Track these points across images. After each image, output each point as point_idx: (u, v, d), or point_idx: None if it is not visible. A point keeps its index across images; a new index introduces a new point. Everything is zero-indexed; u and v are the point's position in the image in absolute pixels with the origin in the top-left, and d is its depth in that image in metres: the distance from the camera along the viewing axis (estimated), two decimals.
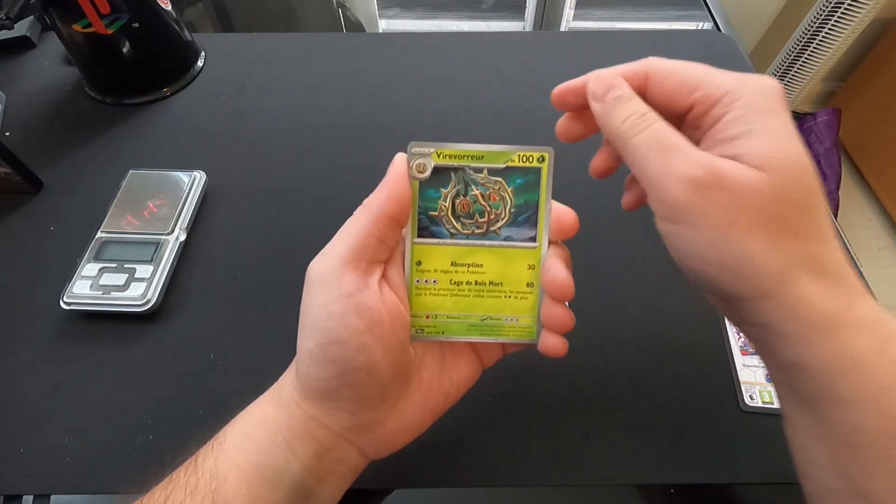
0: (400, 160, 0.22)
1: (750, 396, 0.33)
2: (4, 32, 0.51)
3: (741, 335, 0.36)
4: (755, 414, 0.32)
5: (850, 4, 1.25)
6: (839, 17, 1.28)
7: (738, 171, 0.18)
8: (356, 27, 0.67)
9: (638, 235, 0.40)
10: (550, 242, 0.23)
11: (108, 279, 0.36)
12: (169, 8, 0.49)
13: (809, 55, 1.39)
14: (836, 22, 1.29)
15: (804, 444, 0.20)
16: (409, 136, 0.48)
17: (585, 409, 0.33)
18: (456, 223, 0.23)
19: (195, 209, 0.41)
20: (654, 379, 0.34)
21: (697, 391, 0.33)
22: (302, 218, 0.42)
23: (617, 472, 0.30)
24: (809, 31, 1.35)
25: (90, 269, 0.36)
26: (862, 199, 1.50)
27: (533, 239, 0.23)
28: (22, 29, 0.55)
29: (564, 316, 0.23)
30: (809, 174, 0.19)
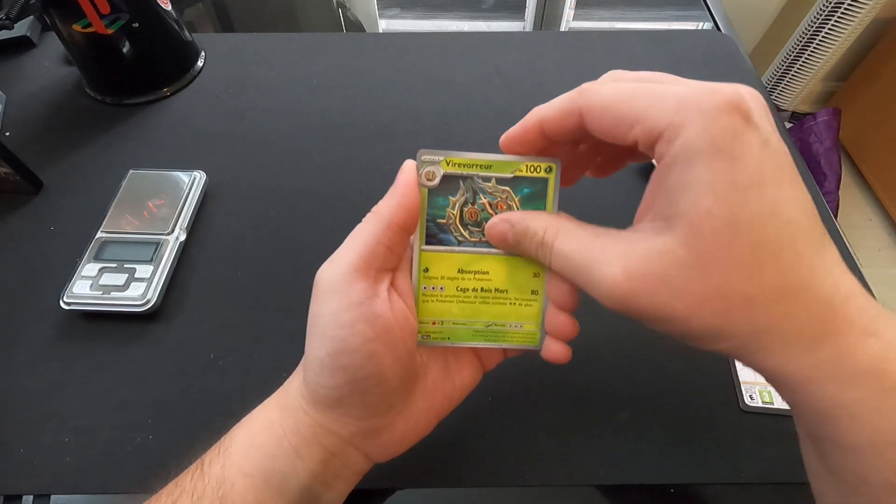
0: (409, 168, 0.22)
1: (750, 396, 0.33)
2: (4, 32, 0.51)
3: None
4: (755, 414, 0.32)
5: (850, 4, 1.25)
6: (839, 17, 1.28)
7: (650, 258, 0.17)
8: (356, 27, 0.67)
9: None
10: None
11: (108, 279, 0.36)
12: (169, 8, 0.49)
13: (809, 55, 1.39)
14: (836, 22, 1.29)
15: (813, 469, 0.20)
16: (409, 136, 0.49)
17: (585, 409, 0.33)
18: (464, 231, 0.23)
19: (195, 209, 0.41)
20: (654, 379, 0.34)
21: (697, 391, 0.33)
22: (302, 218, 0.42)
23: (617, 472, 0.30)
24: (809, 31, 1.35)
25: (90, 269, 0.36)
26: (862, 199, 1.50)
27: None
28: (22, 29, 0.55)
29: (568, 324, 0.23)
30: (753, 225, 0.16)
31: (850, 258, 0.40)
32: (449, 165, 0.23)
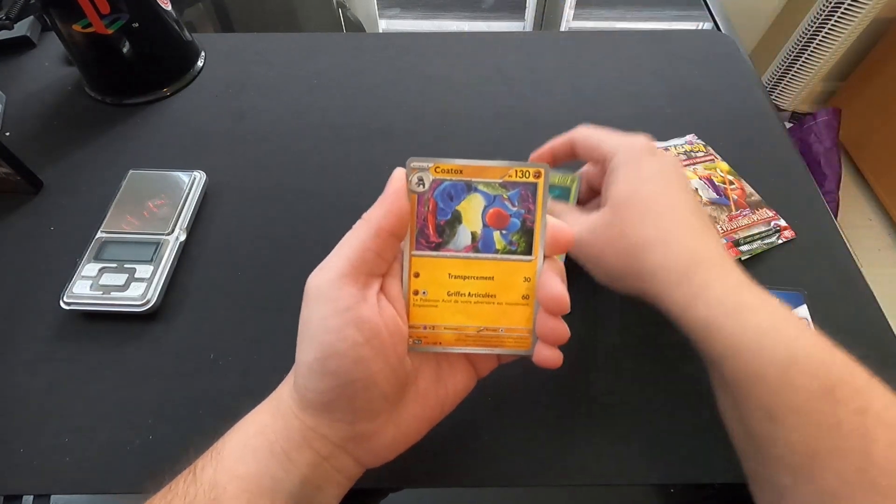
0: (398, 175, 0.23)
1: None
2: (4, 32, 0.51)
3: None
4: None
5: (850, 4, 1.25)
6: (839, 17, 1.28)
7: (590, 221, 0.29)
8: (356, 27, 0.67)
9: None
10: (546, 257, 0.24)
11: (108, 279, 0.36)
12: (169, 8, 0.49)
13: (809, 55, 1.39)
14: (836, 22, 1.29)
15: (718, 395, 0.27)
16: (408, 136, 0.49)
17: (585, 409, 0.33)
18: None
19: (195, 209, 0.41)
20: (654, 379, 0.34)
21: (698, 391, 0.33)
22: (302, 218, 0.42)
23: (617, 472, 0.31)
24: (809, 31, 1.35)
25: (90, 269, 0.36)
26: (862, 199, 1.50)
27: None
28: (22, 29, 0.55)
29: (559, 328, 0.23)
30: (643, 200, 0.28)
31: (850, 258, 0.40)
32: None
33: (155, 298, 0.36)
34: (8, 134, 0.48)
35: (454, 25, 0.68)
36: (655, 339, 0.36)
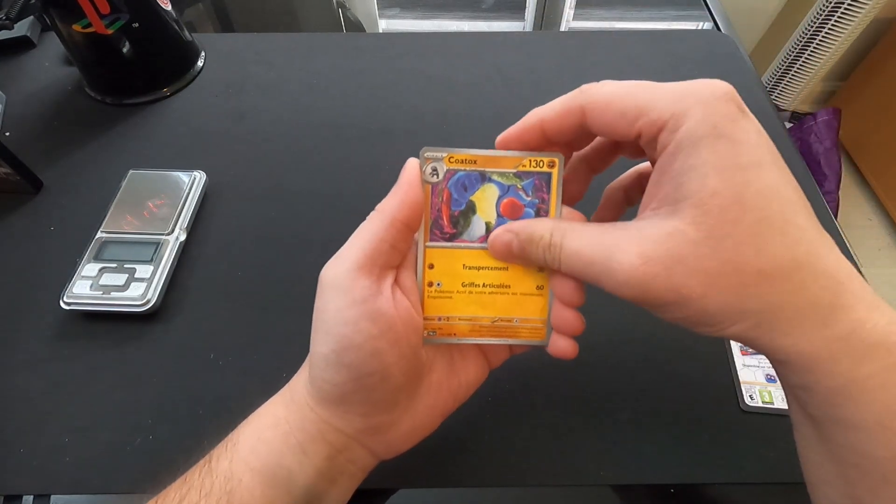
0: (412, 165, 0.22)
1: (750, 396, 0.33)
2: (4, 32, 0.51)
3: None
4: (755, 414, 0.32)
5: (850, 4, 1.25)
6: (839, 17, 1.28)
7: (662, 240, 0.18)
8: (356, 27, 0.67)
9: None
10: None
11: (108, 279, 0.36)
12: (169, 8, 0.49)
13: (809, 55, 1.39)
14: (836, 22, 1.29)
15: (812, 458, 0.20)
16: (408, 136, 0.49)
17: (585, 409, 0.33)
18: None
19: (195, 209, 0.41)
20: (654, 379, 0.34)
21: (697, 391, 0.33)
22: (302, 218, 0.42)
23: (617, 472, 0.30)
24: (809, 31, 1.35)
25: (90, 269, 0.36)
26: (862, 199, 1.50)
27: None
28: (22, 29, 0.54)
29: (574, 319, 0.23)
30: (757, 202, 0.17)
31: (850, 258, 0.40)
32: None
33: (155, 298, 0.36)
34: (8, 134, 0.48)
35: (454, 25, 0.68)
36: (656, 339, 0.36)
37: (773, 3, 1.43)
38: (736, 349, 0.35)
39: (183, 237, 0.39)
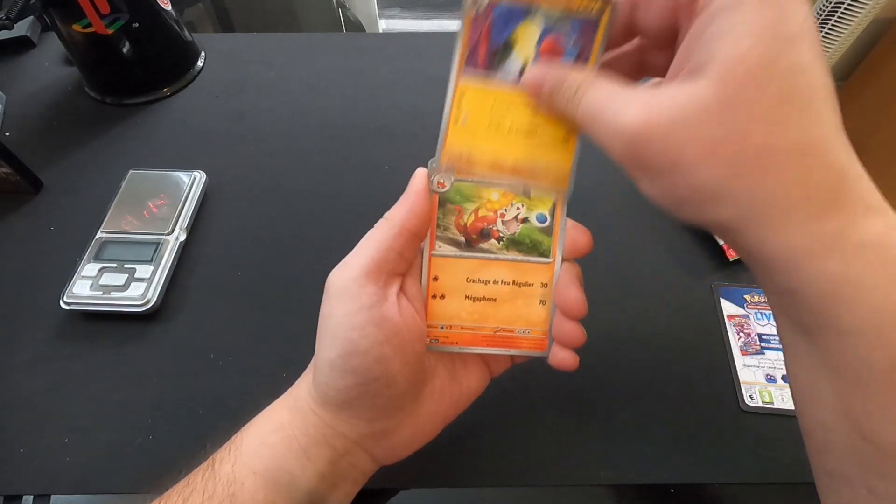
0: (420, 175, 0.22)
1: (750, 396, 0.33)
2: (4, 32, 0.51)
3: (741, 335, 0.36)
4: (755, 414, 0.32)
5: (849, 4, 1.25)
6: (839, 17, 1.28)
7: (673, 101, 0.16)
8: (356, 27, 0.67)
9: (639, 236, 0.40)
10: (564, 259, 0.24)
11: (108, 279, 0.36)
12: (169, 8, 0.49)
13: None
14: (836, 22, 1.29)
15: (804, 375, 0.19)
16: (409, 136, 0.49)
17: (585, 409, 0.33)
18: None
19: (195, 209, 0.41)
20: (654, 379, 0.34)
21: (697, 391, 0.33)
22: (302, 218, 0.42)
23: (617, 472, 0.31)
24: None
25: (90, 269, 0.36)
26: None
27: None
28: (22, 29, 0.55)
29: (576, 332, 0.23)
30: (788, 75, 0.16)
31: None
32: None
33: (155, 298, 0.36)
34: (8, 134, 0.48)
35: (454, 25, 0.68)
36: (656, 339, 0.36)
37: None
38: (736, 349, 0.35)
39: (183, 237, 0.39)
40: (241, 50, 0.56)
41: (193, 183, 0.42)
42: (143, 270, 0.36)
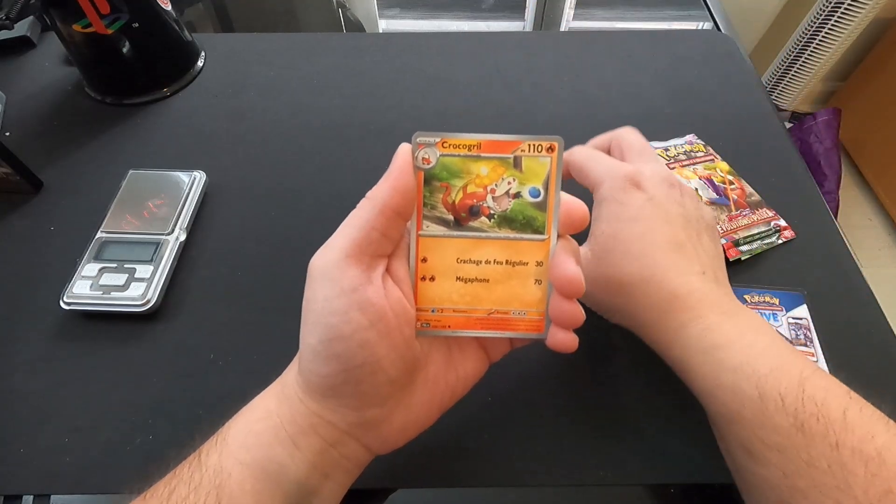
0: (404, 151, 0.22)
1: None
2: (4, 32, 0.51)
3: None
4: None
5: (850, 4, 1.25)
6: (839, 17, 1.28)
7: (583, 257, 0.29)
8: (356, 27, 0.67)
9: None
10: (559, 236, 0.23)
11: (108, 279, 0.36)
12: (169, 8, 0.49)
13: (809, 55, 1.39)
14: (836, 22, 1.29)
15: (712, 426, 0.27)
16: (409, 136, 0.48)
17: (586, 409, 0.33)
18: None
19: (195, 209, 0.41)
20: (654, 379, 0.34)
21: None
22: (302, 218, 0.42)
23: (617, 472, 0.30)
24: (809, 31, 1.35)
25: (90, 269, 0.36)
26: (862, 199, 1.50)
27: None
28: (22, 29, 0.54)
29: (573, 311, 0.22)
30: (622, 242, 0.28)
31: (850, 258, 0.40)
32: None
33: (155, 298, 0.36)
34: (8, 134, 0.48)
35: (454, 25, 0.68)
36: None
37: (773, 3, 1.43)
38: None
39: (183, 237, 0.39)
40: (241, 50, 0.56)
41: (193, 183, 0.42)
42: (143, 270, 0.36)
